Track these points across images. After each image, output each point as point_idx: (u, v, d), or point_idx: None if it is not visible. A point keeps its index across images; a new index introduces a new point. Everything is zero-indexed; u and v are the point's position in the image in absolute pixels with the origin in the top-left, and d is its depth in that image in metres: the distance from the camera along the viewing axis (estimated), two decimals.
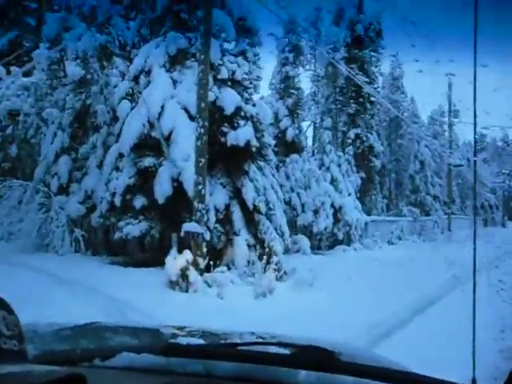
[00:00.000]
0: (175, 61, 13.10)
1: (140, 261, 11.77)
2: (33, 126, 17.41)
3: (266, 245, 11.75)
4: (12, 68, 19.60)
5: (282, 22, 23.93)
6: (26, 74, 19.43)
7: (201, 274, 8.82)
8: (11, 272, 10.26)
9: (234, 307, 7.52)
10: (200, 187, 9.21)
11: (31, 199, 14.21)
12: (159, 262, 10.43)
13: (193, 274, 8.52)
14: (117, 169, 12.39)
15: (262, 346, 1.24)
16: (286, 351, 1.13)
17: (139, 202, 11.78)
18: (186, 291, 8.47)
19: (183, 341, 1.24)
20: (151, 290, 8.66)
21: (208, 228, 9.64)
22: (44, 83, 16.36)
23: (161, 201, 11.41)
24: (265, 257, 10.32)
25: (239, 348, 1.20)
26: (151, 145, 12.12)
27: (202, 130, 9.27)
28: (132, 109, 12.70)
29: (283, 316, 7.28)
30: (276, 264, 10.17)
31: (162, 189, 11.40)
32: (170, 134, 11.95)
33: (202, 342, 1.34)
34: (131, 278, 9.84)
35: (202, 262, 8.95)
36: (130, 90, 13.12)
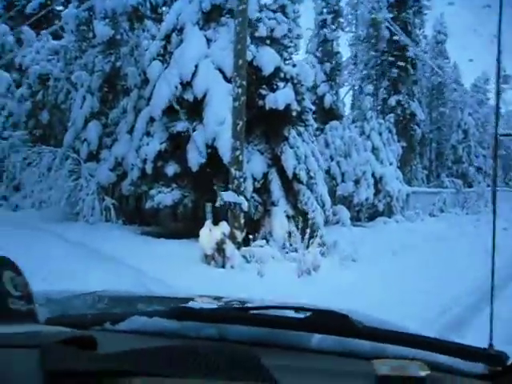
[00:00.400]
0: (209, 18, 12.18)
1: (172, 231, 11.13)
2: (63, 90, 16.85)
3: (306, 216, 10.98)
4: (43, 32, 19.15)
5: None
6: (56, 37, 18.87)
7: (238, 248, 8.07)
8: (35, 237, 9.90)
9: (276, 286, 6.76)
10: (237, 153, 8.38)
11: (60, 166, 13.68)
12: (193, 234, 9.82)
13: (230, 247, 7.77)
14: (148, 134, 11.65)
15: (276, 310, 1.24)
16: (301, 315, 1.10)
17: (171, 169, 11.06)
18: (223, 267, 7.74)
19: (196, 305, 1.22)
20: (184, 263, 7.97)
21: (245, 197, 8.86)
22: (73, 46, 15.68)
23: (194, 168, 10.67)
24: (307, 230, 9.49)
25: (253, 312, 1.19)
26: (184, 108, 11.33)
27: (240, 90, 8.39)
28: (163, 70, 11.89)
29: (331, 296, 6.49)
30: (320, 238, 9.33)
31: (196, 155, 10.65)
32: (204, 96, 11.13)
33: (215, 306, 1.32)
34: (163, 249, 9.19)
35: (240, 235, 8.20)
36: (161, 50, 12.28)
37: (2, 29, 21.63)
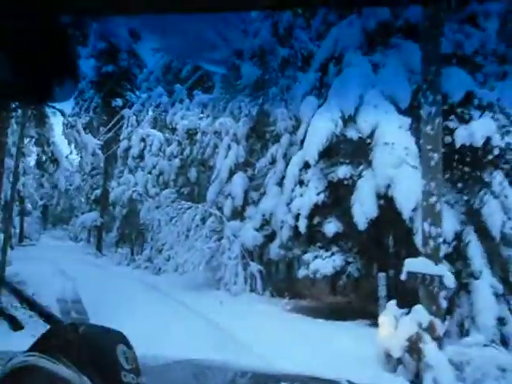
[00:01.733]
0: (375, 40, 9.84)
1: (333, 309, 8.47)
2: (210, 144, 15.70)
3: None
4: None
5: None
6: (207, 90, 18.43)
7: (440, 347, 5.12)
8: (163, 307, 8.19)
9: None
10: (433, 200, 5.60)
11: (202, 225, 11.98)
12: (361, 314, 7.08)
13: (429, 348, 4.87)
14: (301, 183, 9.36)
15: None
16: None
17: (331, 227, 8.55)
18: (418, 379, 4.84)
19: None
20: (354, 367, 5.23)
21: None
22: (221, 93, 14.44)
23: (362, 225, 8.02)
24: None
25: None
26: (346, 149, 8.90)
27: (434, 109, 5.71)
28: (319, 106, 9.70)
29: None
30: None
31: (364, 208, 8.02)
32: (372, 133, 8.62)
33: None
34: (319, 339, 6.53)
35: (441, 326, 5.26)
36: (316, 83, 10.15)
37: (158, 91, 22.20)
